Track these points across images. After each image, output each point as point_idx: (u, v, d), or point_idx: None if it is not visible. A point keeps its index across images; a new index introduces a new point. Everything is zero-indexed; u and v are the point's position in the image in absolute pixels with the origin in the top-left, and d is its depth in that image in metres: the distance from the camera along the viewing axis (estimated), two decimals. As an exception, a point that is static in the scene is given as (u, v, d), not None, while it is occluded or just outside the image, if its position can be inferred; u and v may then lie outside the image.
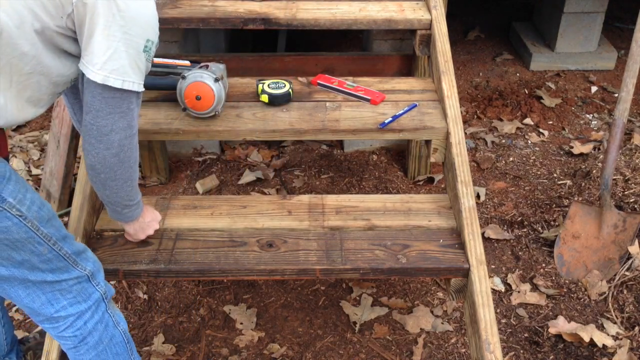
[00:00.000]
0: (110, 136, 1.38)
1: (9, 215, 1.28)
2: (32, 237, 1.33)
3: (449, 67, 2.09)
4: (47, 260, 1.38)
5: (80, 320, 1.49)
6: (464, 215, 1.80)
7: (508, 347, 2.09)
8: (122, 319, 1.61)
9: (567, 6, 3.46)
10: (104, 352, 1.55)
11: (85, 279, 1.48)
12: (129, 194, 1.54)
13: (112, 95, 1.35)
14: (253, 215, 1.93)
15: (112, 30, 1.30)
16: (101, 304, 1.53)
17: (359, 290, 2.29)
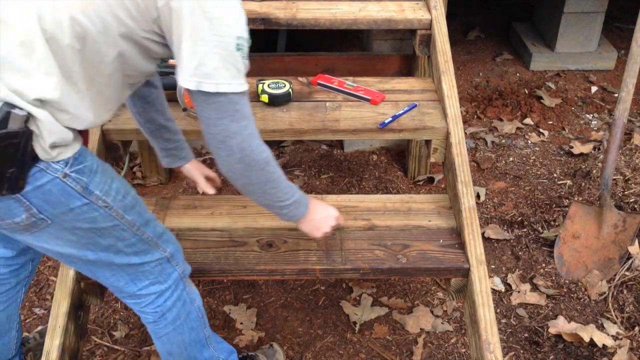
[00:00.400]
0: (227, 142, 1.36)
1: (96, 207, 1.32)
2: (117, 224, 1.38)
3: (449, 67, 2.09)
4: (130, 244, 1.43)
5: (161, 298, 1.55)
6: (464, 215, 1.80)
7: (508, 347, 2.09)
8: (197, 295, 1.66)
9: (567, 6, 3.46)
10: (181, 326, 1.61)
11: (166, 260, 1.53)
12: (275, 195, 1.51)
13: (214, 100, 1.32)
14: (253, 215, 1.93)
15: (199, 34, 1.27)
16: (180, 283, 1.58)
17: (359, 290, 2.29)
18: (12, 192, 1.22)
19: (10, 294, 1.70)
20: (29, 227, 1.29)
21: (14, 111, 1.17)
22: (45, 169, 1.24)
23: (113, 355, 2.08)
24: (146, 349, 2.08)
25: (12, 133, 1.17)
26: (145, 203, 1.91)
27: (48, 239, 1.34)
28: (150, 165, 2.76)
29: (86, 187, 1.29)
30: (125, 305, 2.25)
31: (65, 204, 1.28)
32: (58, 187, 1.26)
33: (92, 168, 1.32)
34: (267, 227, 1.89)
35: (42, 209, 1.27)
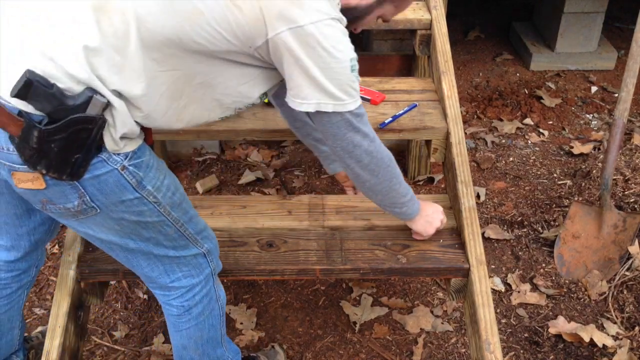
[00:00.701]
0: (355, 151, 1.47)
1: (146, 202, 1.34)
2: (163, 220, 1.40)
3: (449, 67, 2.09)
4: (172, 239, 1.45)
5: (191, 292, 1.56)
6: (464, 215, 1.80)
7: (508, 347, 2.09)
8: (223, 294, 1.67)
9: (567, 6, 3.46)
10: (203, 323, 1.62)
11: (202, 255, 1.55)
12: (398, 191, 1.63)
13: (337, 119, 1.41)
14: (253, 215, 1.93)
15: (315, 63, 1.31)
16: (210, 279, 1.60)
17: (359, 290, 2.29)
18: (72, 179, 1.24)
19: (12, 298, 1.70)
20: (77, 213, 1.31)
21: (96, 97, 1.18)
22: (107, 159, 1.26)
23: (113, 355, 2.08)
24: (146, 349, 2.08)
25: (89, 118, 1.18)
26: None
27: (93, 225, 1.37)
28: (150, 165, 2.76)
29: (140, 181, 1.32)
30: (125, 305, 2.25)
31: (118, 195, 1.30)
32: (115, 178, 1.28)
33: (148, 163, 1.34)
34: (267, 227, 1.89)
35: (94, 197, 1.29)
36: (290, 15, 1.26)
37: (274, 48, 1.30)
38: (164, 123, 1.35)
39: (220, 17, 1.25)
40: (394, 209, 1.68)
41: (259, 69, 1.38)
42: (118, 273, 1.74)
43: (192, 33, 1.24)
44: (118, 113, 1.23)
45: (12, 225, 1.56)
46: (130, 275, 1.75)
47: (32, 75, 1.13)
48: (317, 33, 1.28)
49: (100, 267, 1.74)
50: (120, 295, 2.28)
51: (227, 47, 1.28)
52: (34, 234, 1.60)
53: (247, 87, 1.40)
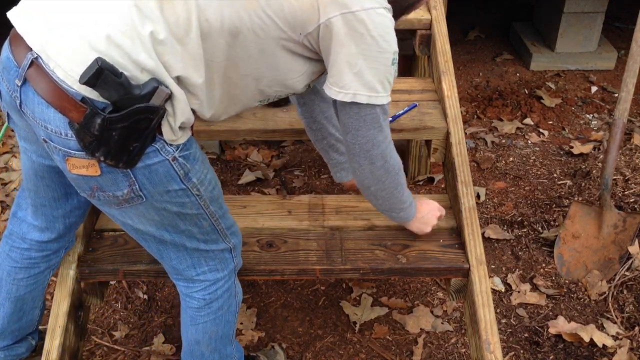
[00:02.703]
0: (372, 151, 1.47)
1: (189, 194, 1.37)
2: (201, 213, 1.43)
3: (449, 67, 2.09)
4: (205, 232, 1.47)
5: (214, 286, 1.57)
6: (464, 215, 1.80)
7: (508, 347, 2.09)
8: (240, 290, 1.68)
9: (567, 6, 3.46)
10: (220, 317, 1.63)
11: (228, 251, 1.57)
12: (400, 198, 1.63)
13: (368, 112, 1.40)
14: (253, 215, 1.93)
15: (361, 50, 1.33)
16: (233, 275, 1.61)
17: (359, 290, 2.29)
18: (127, 167, 1.25)
19: (38, 278, 1.73)
20: (124, 202, 1.33)
21: (161, 87, 1.20)
22: (160, 149, 1.28)
23: (113, 355, 2.08)
24: (146, 349, 2.08)
25: (152, 108, 1.20)
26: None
27: (134, 215, 1.38)
28: (150, 165, 2.76)
29: (187, 173, 1.34)
30: (125, 305, 2.25)
31: (165, 185, 1.32)
32: (165, 168, 1.30)
33: (195, 156, 1.36)
34: (267, 227, 1.89)
35: (143, 186, 1.30)
36: (344, 0, 1.29)
37: (323, 32, 1.32)
38: (214, 112, 1.39)
39: (275, 5, 1.29)
40: (392, 213, 1.69)
41: (307, 63, 1.41)
42: (118, 273, 1.74)
43: (248, 22, 1.28)
44: (178, 102, 1.25)
45: (49, 207, 1.58)
46: (130, 275, 1.76)
47: (103, 63, 1.14)
48: (367, 20, 1.31)
49: (100, 267, 1.74)
50: (120, 295, 2.28)
51: (278, 34, 1.31)
52: (69, 217, 1.63)
53: (294, 81, 1.44)
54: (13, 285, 1.71)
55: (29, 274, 1.70)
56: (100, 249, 1.78)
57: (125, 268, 1.73)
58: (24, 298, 1.74)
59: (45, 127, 1.23)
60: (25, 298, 1.74)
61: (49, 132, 1.23)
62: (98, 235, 1.83)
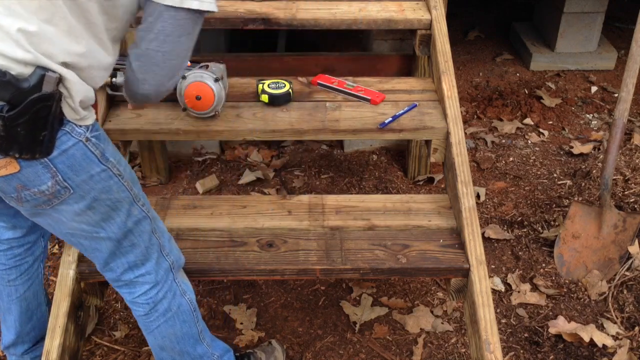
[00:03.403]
0: (173, 61, 1.42)
1: (111, 174, 1.39)
2: (128, 196, 1.44)
3: (449, 67, 2.09)
4: (137, 220, 1.48)
5: (155, 289, 1.58)
6: (464, 215, 1.80)
7: (508, 347, 2.09)
8: (189, 288, 1.67)
9: (567, 6, 3.46)
10: (172, 319, 1.62)
11: (158, 248, 1.56)
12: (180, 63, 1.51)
13: (185, 17, 1.37)
14: (253, 215, 1.93)
15: None
16: (169, 274, 1.60)
17: (359, 290, 2.29)
18: (44, 156, 1.27)
19: (30, 273, 1.76)
20: (52, 197, 1.33)
21: (48, 74, 1.22)
22: (70, 132, 1.30)
23: (113, 355, 2.08)
24: (146, 349, 2.08)
25: (46, 95, 1.22)
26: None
27: (67, 214, 1.39)
28: (150, 165, 2.77)
29: (103, 153, 1.37)
30: (126, 305, 2.25)
31: (86, 169, 1.34)
32: (81, 151, 1.32)
33: (105, 137, 1.41)
34: (267, 227, 1.89)
35: (66, 175, 1.32)
36: None
37: None
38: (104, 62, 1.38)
39: None
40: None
41: None
42: (118, 273, 1.74)
43: None
44: (70, 82, 1.27)
45: (4, 208, 1.61)
46: (130, 275, 1.75)
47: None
48: None
49: (100, 267, 1.74)
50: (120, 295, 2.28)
51: None
52: None
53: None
54: (11, 287, 1.74)
55: (20, 271, 1.73)
56: (100, 249, 1.78)
57: (125, 268, 1.73)
58: (26, 297, 1.76)
59: None
60: (27, 297, 1.76)
61: None
62: (98, 235, 1.83)
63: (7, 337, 1.82)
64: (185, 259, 1.70)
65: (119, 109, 2.04)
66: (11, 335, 1.81)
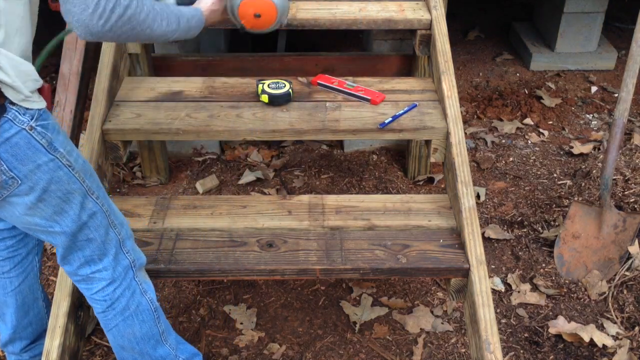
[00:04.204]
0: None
1: (60, 165, 1.36)
2: (80, 188, 1.41)
3: (449, 67, 2.09)
4: (92, 214, 1.46)
5: (112, 286, 1.56)
6: (464, 215, 1.80)
7: (508, 347, 2.09)
8: (150, 287, 1.65)
9: (567, 6, 3.46)
10: (130, 318, 1.60)
11: (118, 245, 1.55)
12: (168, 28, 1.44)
13: None
14: (253, 215, 1.93)
15: None
16: (129, 272, 1.59)
17: (359, 290, 2.29)
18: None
19: (24, 265, 1.74)
20: (0, 188, 1.32)
21: None
22: (13, 119, 1.26)
23: (113, 355, 2.08)
24: (146, 349, 2.08)
25: None
26: (145, 203, 1.91)
27: (19, 206, 1.37)
28: (150, 165, 2.77)
29: (51, 142, 1.33)
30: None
31: (32, 159, 1.31)
32: (25, 140, 1.29)
33: (55, 127, 1.36)
34: (267, 227, 1.89)
35: (11, 165, 1.29)
36: None
37: None
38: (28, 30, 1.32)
39: None
40: (187, 34, 1.54)
41: None
42: (118, 273, 1.74)
43: None
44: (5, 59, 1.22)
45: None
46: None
47: None
48: None
49: (100, 267, 1.74)
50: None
51: None
52: None
53: None
54: (6, 279, 1.73)
55: (14, 263, 1.72)
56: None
57: (125, 268, 1.73)
58: (21, 290, 1.75)
59: None
60: (22, 289, 1.75)
61: None
62: (98, 235, 1.83)
63: (5, 333, 1.82)
64: (184, 260, 1.69)
65: (118, 109, 2.04)
66: (8, 330, 1.81)
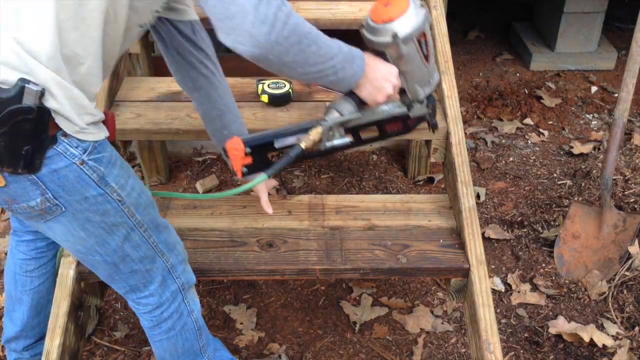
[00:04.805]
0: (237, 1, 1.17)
1: (109, 199, 1.32)
2: (127, 222, 1.37)
3: (449, 67, 2.09)
4: (136, 246, 1.42)
5: (158, 310, 1.56)
6: (464, 215, 1.80)
7: (508, 347, 2.09)
8: (196, 306, 1.65)
9: (567, 6, 3.46)
10: (174, 337, 1.61)
11: (167, 271, 1.53)
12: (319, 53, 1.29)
13: None
14: (253, 215, 1.93)
15: None
16: (178, 295, 1.58)
17: (359, 290, 2.29)
18: (29, 172, 1.22)
19: (47, 267, 1.78)
20: (43, 212, 1.29)
21: (28, 86, 1.15)
22: (63, 152, 1.23)
23: (113, 355, 2.08)
24: (146, 349, 2.08)
25: (26, 109, 1.15)
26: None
27: (60, 231, 1.35)
28: (150, 166, 2.76)
29: (103, 177, 1.30)
30: (126, 305, 2.25)
31: (80, 191, 1.28)
32: (74, 173, 1.26)
33: (110, 159, 1.32)
34: (267, 227, 1.89)
35: (57, 194, 1.26)
36: None
37: None
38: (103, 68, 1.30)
39: None
40: (329, 77, 1.34)
41: None
42: (118, 273, 1.74)
43: None
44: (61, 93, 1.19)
45: None
46: (130, 275, 1.76)
47: None
48: None
49: (100, 267, 1.74)
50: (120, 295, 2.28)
51: None
52: None
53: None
54: (27, 278, 1.76)
55: (39, 263, 1.76)
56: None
57: (125, 268, 1.73)
58: (39, 290, 1.79)
59: None
60: (40, 290, 1.79)
61: None
62: (98, 235, 1.83)
63: (11, 330, 1.83)
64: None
65: (118, 109, 2.04)
66: (16, 327, 1.82)
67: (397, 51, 1.40)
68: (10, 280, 1.80)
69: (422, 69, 1.48)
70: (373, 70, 1.42)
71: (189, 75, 1.65)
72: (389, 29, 1.38)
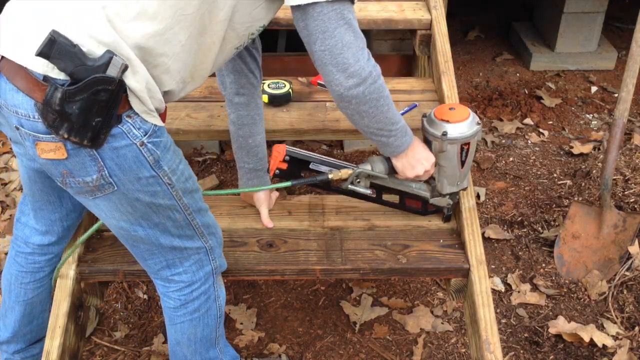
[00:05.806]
0: (344, 54, 1.37)
1: (161, 182, 1.37)
2: (174, 204, 1.42)
3: (449, 67, 2.09)
4: (179, 226, 1.47)
5: (189, 287, 1.57)
6: (464, 215, 1.80)
7: (508, 347, 2.09)
8: (222, 294, 1.67)
9: (567, 6, 3.46)
10: (197, 319, 1.62)
11: (205, 252, 1.56)
12: (386, 115, 1.49)
13: (330, 9, 1.33)
14: (253, 215, 1.93)
15: None
16: (210, 277, 1.60)
17: (359, 290, 2.29)
18: (92, 145, 1.25)
19: (44, 281, 1.76)
20: (95, 189, 1.33)
21: (115, 57, 1.19)
22: (127, 132, 1.27)
23: (113, 355, 2.08)
24: (146, 349, 2.08)
25: (109, 79, 1.19)
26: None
27: (106, 207, 1.38)
28: (150, 165, 2.76)
29: (158, 160, 1.34)
30: (126, 305, 2.25)
31: (135, 172, 1.32)
32: (133, 153, 1.30)
33: (166, 145, 1.36)
34: (267, 227, 1.88)
35: (113, 172, 1.30)
36: None
37: None
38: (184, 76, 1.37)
39: None
40: (381, 137, 1.54)
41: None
42: (118, 273, 1.74)
43: None
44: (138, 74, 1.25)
45: (47, 210, 1.63)
46: (130, 275, 1.76)
47: (55, 34, 1.16)
48: None
49: (100, 267, 1.74)
50: (120, 295, 2.28)
51: None
52: (66, 220, 1.68)
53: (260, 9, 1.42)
54: (21, 289, 1.75)
55: (35, 278, 1.74)
56: (100, 249, 1.78)
57: (125, 268, 1.73)
58: (32, 302, 1.77)
59: (16, 112, 1.25)
60: (33, 302, 1.77)
61: (20, 117, 1.25)
62: (98, 236, 1.83)
63: (3, 333, 1.83)
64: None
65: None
66: (7, 332, 1.82)
67: (441, 146, 1.66)
68: (5, 288, 1.79)
69: (455, 171, 1.75)
70: (415, 151, 1.63)
71: (238, 81, 1.72)
72: (443, 127, 1.65)
